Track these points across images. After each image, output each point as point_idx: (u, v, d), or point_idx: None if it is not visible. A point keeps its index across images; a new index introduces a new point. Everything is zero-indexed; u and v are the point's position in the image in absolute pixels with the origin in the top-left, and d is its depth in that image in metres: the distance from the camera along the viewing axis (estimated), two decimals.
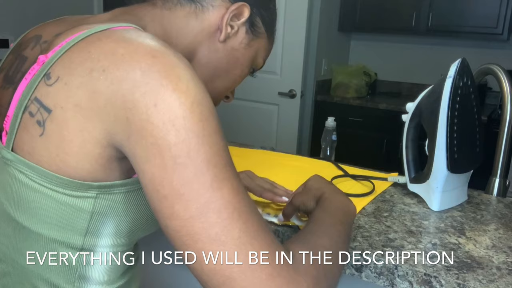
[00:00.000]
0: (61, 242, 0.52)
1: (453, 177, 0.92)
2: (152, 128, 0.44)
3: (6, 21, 2.47)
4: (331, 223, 0.60)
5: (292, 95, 3.04)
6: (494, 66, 1.11)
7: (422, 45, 3.58)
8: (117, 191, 0.52)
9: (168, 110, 0.44)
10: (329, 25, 3.38)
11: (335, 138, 1.34)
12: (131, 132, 0.45)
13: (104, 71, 0.46)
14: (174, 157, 0.44)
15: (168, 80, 0.45)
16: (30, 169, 0.50)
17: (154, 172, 0.45)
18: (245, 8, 0.64)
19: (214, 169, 0.45)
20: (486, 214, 0.93)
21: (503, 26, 3.04)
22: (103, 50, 0.48)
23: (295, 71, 3.01)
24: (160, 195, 0.45)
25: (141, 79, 0.45)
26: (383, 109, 3.21)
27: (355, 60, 3.82)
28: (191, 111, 0.45)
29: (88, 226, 0.52)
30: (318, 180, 0.75)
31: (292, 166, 1.20)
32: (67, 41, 0.51)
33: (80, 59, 0.48)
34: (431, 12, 3.22)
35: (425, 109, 0.96)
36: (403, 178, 1.04)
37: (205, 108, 0.46)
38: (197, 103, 0.46)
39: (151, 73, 0.45)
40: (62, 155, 0.49)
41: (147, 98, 0.44)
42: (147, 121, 0.44)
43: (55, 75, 0.49)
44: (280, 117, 3.14)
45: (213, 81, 0.67)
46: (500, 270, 0.70)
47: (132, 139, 0.46)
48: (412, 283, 0.69)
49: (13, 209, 0.52)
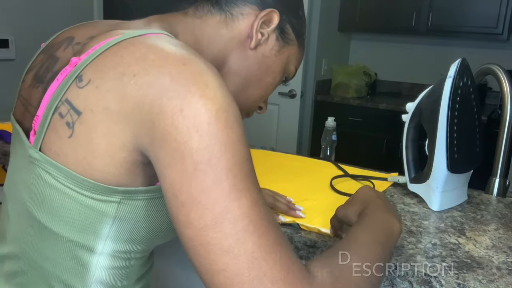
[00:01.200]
0: (81, 245, 0.53)
1: (453, 177, 0.92)
2: (176, 133, 0.44)
3: (6, 21, 2.47)
4: (366, 242, 0.57)
5: (292, 95, 3.04)
6: (494, 66, 1.11)
7: (422, 45, 3.58)
8: (140, 198, 0.52)
9: (193, 115, 0.44)
10: (329, 25, 3.38)
11: (335, 138, 1.35)
12: (155, 137, 0.46)
13: (134, 76, 0.47)
14: (195, 163, 0.44)
15: (196, 87, 0.45)
16: (57, 170, 0.50)
17: (174, 177, 0.45)
18: (274, 15, 0.64)
19: (234, 178, 0.45)
20: (486, 214, 0.93)
21: (503, 26, 3.04)
22: (135, 56, 0.49)
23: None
24: (178, 202, 0.45)
25: (170, 85, 0.45)
26: (383, 109, 3.21)
27: (355, 60, 3.82)
28: (216, 117, 0.45)
29: (109, 230, 0.52)
30: (365, 193, 0.70)
31: (292, 166, 1.20)
32: (101, 44, 0.51)
33: (112, 63, 0.49)
34: (431, 12, 3.22)
35: (425, 109, 0.96)
36: (403, 178, 1.04)
37: (230, 116, 0.46)
38: (223, 110, 0.46)
39: (180, 79, 0.46)
40: (90, 157, 0.49)
41: (174, 103, 0.45)
42: (172, 125, 0.44)
43: (87, 78, 0.49)
44: (280, 117, 3.14)
45: (245, 90, 0.67)
46: (500, 270, 0.70)
47: (156, 143, 0.46)
48: (412, 283, 0.69)
49: (36, 209, 0.53)
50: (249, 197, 0.45)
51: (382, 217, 0.63)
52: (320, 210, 0.89)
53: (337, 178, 1.09)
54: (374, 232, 0.59)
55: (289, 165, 1.20)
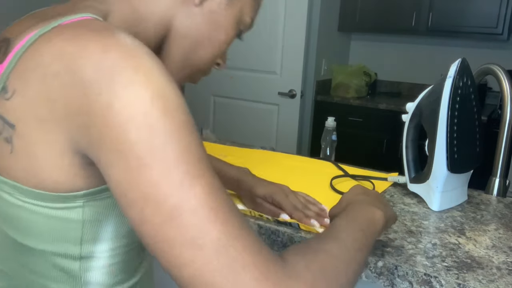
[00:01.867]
0: (59, 254, 0.51)
1: (453, 177, 0.92)
2: (111, 131, 0.41)
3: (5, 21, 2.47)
4: (346, 229, 0.56)
5: (292, 95, 3.04)
6: (494, 66, 1.11)
7: (422, 45, 3.58)
8: (104, 196, 0.50)
9: (125, 108, 0.41)
10: (329, 25, 3.38)
11: (335, 138, 1.35)
12: (91, 138, 0.42)
13: (55, 76, 0.43)
14: (138, 158, 0.41)
15: (123, 76, 0.41)
16: (11, 188, 0.48)
17: (119, 176, 0.42)
18: None
19: (183, 167, 0.41)
20: (486, 214, 0.93)
21: (503, 26, 3.04)
22: (53, 52, 0.44)
23: (295, 71, 3.01)
24: (128, 200, 0.42)
25: (94, 79, 0.41)
26: (383, 109, 3.21)
27: (355, 60, 3.82)
28: (151, 105, 0.41)
29: (82, 235, 0.50)
30: (354, 191, 0.70)
31: (292, 166, 1.20)
32: (21, 44, 0.47)
33: (33, 65, 0.45)
34: (431, 12, 3.22)
35: (425, 109, 0.96)
36: (403, 178, 1.04)
37: (168, 101, 0.42)
38: (159, 95, 0.42)
39: (104, 70, 0.41)
40: (36, 170, 0.46)
41: (102, 99, 0.41)
42: (105, 124, 0.41)
43: (12, 88, 0.46)
44: (280, 117, 3.14)
45: (196, 51, 0.61)
46: (500, 270, 0.70)
47: (93, 145, 0.43)
48: (412, 283, 0.69)
49: (7, 228, 0.51)
50: (204, 183, 0.42)
51: (365, 208, 0.63)
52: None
53: (337, 178, 1.09)
54: (354, 220, 0.59)
55: (289, 165, 1.20)
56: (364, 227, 0.58)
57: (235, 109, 3.30)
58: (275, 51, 3.06)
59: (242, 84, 3.22)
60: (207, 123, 3.42)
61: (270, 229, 0.81)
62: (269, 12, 3.01)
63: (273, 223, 0.82)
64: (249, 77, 3.18)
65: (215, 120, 3.42)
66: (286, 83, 3.05)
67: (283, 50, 3.03)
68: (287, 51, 3.02)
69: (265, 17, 3.03)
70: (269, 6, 3.00)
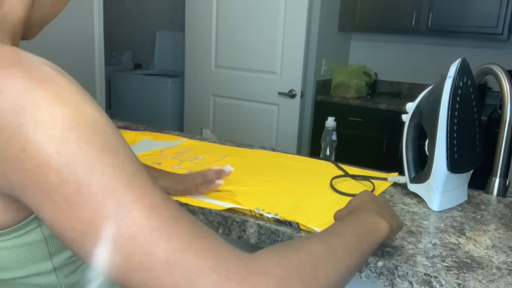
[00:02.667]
0: (32, 275, 0.51)
1: (453, 177, 0.92)
2: (30, 175, 0.39)
3: None
4: (341, 232, 0.55)
5: (292, 95, 3.04)
6: (494, 66, 1.11)
7: (422, 45, 3.58)
8: None
9: (37, 150, 0.38)
10: (329, 25, 3.38)
11: (335, 138, 1.35)
12: (13, 184, 0.40)
13: None
14: (65, 198, 0.39)
15: (25, 116, 0.38)
16: None
17: (51, 218, 0.40)
18: None
19: (114, 195, 0.39)
20: (486, 214, 0.93)
21: (503, 26, 3.03)
22: None
23: (295, 71, 3.01)
24: (67, 239, 0.41)
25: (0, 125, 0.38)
26: (383, 109, 3.21)
27: (355, 60, 3.82)
28: (63, 141, 0.38)
29: (49, 249, 0.50)
30: (362, 197, 0.70)
31: (292, 166, 1.20)
32: None
33: None
34: (431, 12, 3.22)
35: (425, 109, 0.96)
36: (403, 178, 1.04)
37: (81, 130, 0.39)
38: (69, 128, 0.39)
39: (6, 114, 0.38)
40: None
41: (13, 145, 0.38)
42: (22, 169, 0.39)
43: None
44: (280, 117, 3.14)
45: (55, 4, 0.56)
46: (500, 270, 0.70)
47: (17, 189, 0.41)
48: (412, 283, 0.69)
49: None
50: (140, 206, 0.40)
51: (366, 215, 0.62)
52: (320, 210, 0.89)
53: (337, 178, 1.09)
54: (352, 225, 0.58)
55: (289, 165, 1.20)
56: (361, 232, 0.57)
57: (235, 109, 3.30)
58: (275, 51, 3.06)
59: (242, 84, 3.22)
60: (207, 123, 3.42)
61: (270, 229, 0.81)
62: (269, 12, 3.01)
63: (273, 223, 0.82)
64: (249, 77, 3.18)
65: (215, 120, 3.42)
66: (286, 83, 3.05)
67: (283, 50, 3.03)
68: (287, 51, 3.02)
69: (265, 17, 3.04)
70: (269, 6, 3.01)
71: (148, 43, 4.53)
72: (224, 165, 0.93)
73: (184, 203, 0.90)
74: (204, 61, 3.34)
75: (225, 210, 0.87)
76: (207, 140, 1.43)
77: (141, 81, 4.05)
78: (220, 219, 0.87)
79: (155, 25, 4.45)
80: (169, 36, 4.39)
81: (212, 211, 0.87)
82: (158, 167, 1.11)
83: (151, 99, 3.96)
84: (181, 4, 3.59)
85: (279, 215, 0.83)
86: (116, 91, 4.16)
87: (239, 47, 3.17)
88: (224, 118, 3.37)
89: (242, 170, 1.13)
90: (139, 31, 4.55)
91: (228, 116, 3.35)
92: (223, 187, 0.94)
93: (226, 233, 0.86)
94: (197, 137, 1.47)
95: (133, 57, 4.64)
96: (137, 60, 4.65)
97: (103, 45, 2.83)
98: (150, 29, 4.47)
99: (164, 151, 1.28)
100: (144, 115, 3.90)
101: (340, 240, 0.53)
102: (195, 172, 0.95)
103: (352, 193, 0.97)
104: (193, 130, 3.38)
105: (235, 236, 0.86)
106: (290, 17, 2.96)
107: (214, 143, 1.40)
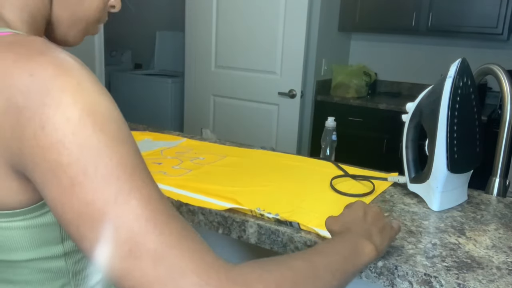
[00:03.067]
0: (43, 258, 0.52)
1: (453, 177, 0.92)
2: (43, 152, 0.42)
3: None
4: (323, 252, 0.56)
5: (292, 95, 3.04)
6: (494, 66, 1.11)
7: (422, 45, 3.58)
8: None
9: (55, 129, 0.41)
10: (329, 25, 3.38)
11: (335, 138, 1.35)
12: (25, 161, 0.43)
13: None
14: (71, 178, 0.41)
15: (50, 98, 0.42)
16: None
17: (54, 197, 0.42)
18: None
19: (117, 182, 0.42)
20: (486, 214, 0.93)
21: (503, 26, 3.03)
22: None
23: (295, 71, 3.01)
24: (65, 219, 0.43)
25: (23, 104, 0.42)
26: (383, 109, 3.21)
27: (355, 60, 3.82)
28: (80, 124, 0.42)
29: (60, 233, 0.52)
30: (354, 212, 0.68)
31: (292, 166, 1.20)
32: None
33: None
34: (431, 12, 3.22)
35: (425, 109, 0.96)
36: (403, 178, 1.04)
37: (97, 115, 0.43)
38: (87, 113, 0.42)
39: (31, 95, 0.42)
40: None
41: (32, 124, 0.42)
42: (37, 146, 0.42)
43: None
44: (280, 117, 3.14)
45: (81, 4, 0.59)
46: (500, 270, 0.70)
47: (29, 167, 0.43)
48: (412, 283, 0.69)
49: None
50: (139, 196, 0.42)
51: (353, 237, 0.62)
52: (320, 210, 0.89)
53: (337, 178, 1.09)
54: (338, 245, 0.59)
55: (289, 165, 1.20)
56: (346, 253, 0.58)
57: (235, 109, 3.30)
58: (275, 51, 3.06)
59: (242, 84, 3.22)
60: (207, 123, 3.42)
61: (270, 229, 0.81)
62: (269, 12, 3.01)
63: (273, 223, 0.82)
64: (249, 77, 3.18)
65: (215, 120, 3.42)
66: (286, 83, 3.05)
67: (283, 50, 3.03)
68: (287, 51, 3.02)
69: (265, 17, 3.04)
70: (269, 6, 3.01)
71: (148, 43, 4.53)
72: None
73: (185, 203, 0.90)
74: (204, 61, 3.34)
75: (225, 210, 0.87)
76: (207, 140, 1.43)
77: (141, 81, 4.05)
78: (220, 219, 0.87)
79: (155, 25, 4.45)
80: (169, 36, 4.39)
81: (212, 211, 0.87)
82: (159, 167, 1.12)
83: (151, 99, 3.96)
84: (181, 4, 3.59)
85: (280, 215, 0.83)
86: (116, 91, 4.16)
87: (239, 47, 3.17)
88: (224, 118, 3.37)
89: (242, 170, 1.13)
90: (139, 31, 4.55)
91: (228, 116, 3.35)
92: (223, 187, 0.94)
93: (226, 233, 0.86)
94: (197, 137, 1.47)
95: (133, 57, 4.64)
96: (137, 60, 4.65)
97: (103, 45, 2.83)
98: (150, 29, 4.47)
99: (164, 151, 1.28)
100: (144, 115, 3.90)
101: (323, 259, 0.54)
102: None
103: (352, 193, 0.97)
104: (193, 130, 3.38)
105: (235, 236, 0.86)
106: (290, 17, 2.96)
107: (214, 143, 1.40)
